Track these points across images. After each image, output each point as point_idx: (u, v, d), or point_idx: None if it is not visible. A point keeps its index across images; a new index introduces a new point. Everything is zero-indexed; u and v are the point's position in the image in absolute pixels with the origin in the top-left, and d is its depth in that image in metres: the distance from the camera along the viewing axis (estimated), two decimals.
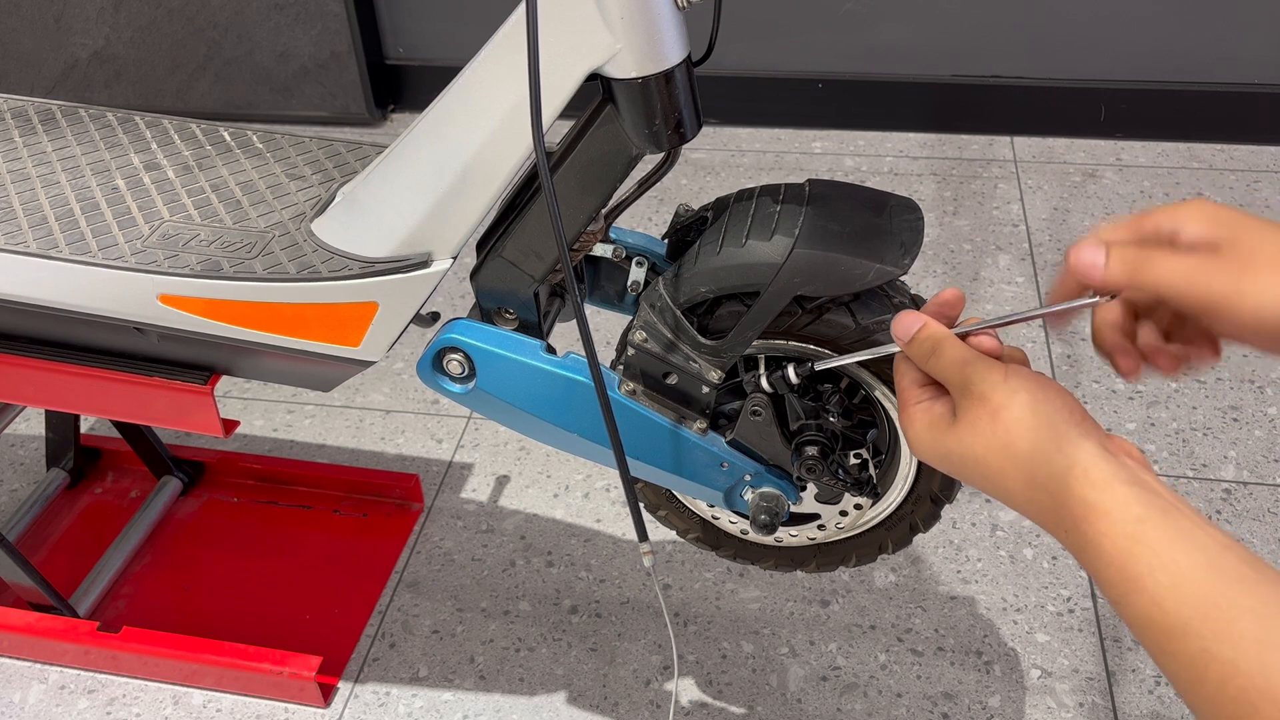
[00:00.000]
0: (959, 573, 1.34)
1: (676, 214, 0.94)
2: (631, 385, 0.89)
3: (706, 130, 2.34)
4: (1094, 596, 1.31)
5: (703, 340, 0.85)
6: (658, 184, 0.91)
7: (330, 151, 1.06)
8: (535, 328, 0.92)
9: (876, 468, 0.94)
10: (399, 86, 2.50)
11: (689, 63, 0.80)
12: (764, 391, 0.88)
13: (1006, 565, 1.35)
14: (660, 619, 1.31)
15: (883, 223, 0.83)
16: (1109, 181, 2.12)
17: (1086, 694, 1.20)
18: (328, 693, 1.24)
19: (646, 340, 0.87)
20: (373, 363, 0.93)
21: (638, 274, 0.95)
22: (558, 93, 0.77)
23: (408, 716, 1.22)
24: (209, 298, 0.90)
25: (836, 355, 0.83)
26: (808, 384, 0.91)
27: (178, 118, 1.12)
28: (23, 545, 1.42)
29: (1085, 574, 1.33)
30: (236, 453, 1.54)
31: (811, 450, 0.89)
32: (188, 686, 1.27)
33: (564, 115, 0.78)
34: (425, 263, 0.87)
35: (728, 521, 1.03)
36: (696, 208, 0.94)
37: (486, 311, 0.93)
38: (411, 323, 0.92)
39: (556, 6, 0.74)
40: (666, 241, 0.97)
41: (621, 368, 0.90)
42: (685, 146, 0.84)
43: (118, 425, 1.46)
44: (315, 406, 1.67)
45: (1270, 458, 1.48)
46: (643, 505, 1.05)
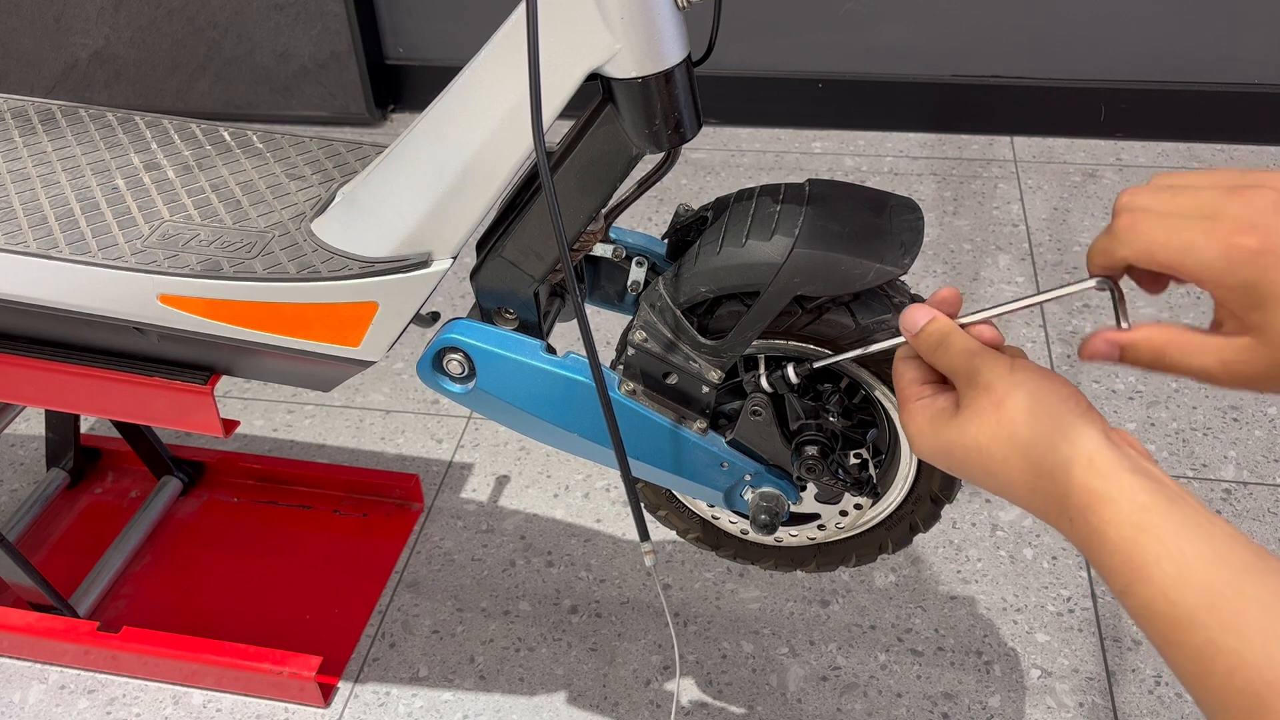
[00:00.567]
0: (959, 573, 1.34)
1: (676, 214, 0.94)
2: (631, 385, 0.89)
3: (706, 130, 2.34)
4: (1094, 596, 1.30)
5: (703, 340, 0.85)
6: (658, 184, 0.91)
7: (330, 151, 1.06)
8: (535, 328, 0.92)
9: (876, 468, 0.94)
10: (399, 86, 2.50)
11: (689, 63, 0.80)
12: (764, 391, 0.88)
13: (1006, 565, 1.35)
14: (660, 619, 1.31)
15: (883, 223, 0.83)
16: (1109, 181, 2.12)
17: (1086, 694, 1.20)
18: (328, 693, 1.24)
19: (646, 340, 0.87)
20: (373, 363, 0.93)
21: (638, 274, 0.95)
22: (558, 93, 0.77)
23: (408, 716, 1.22)
24: (209, 298, 0.90)
25: (837, 354, 0.83)
26: (808, 384, 0.91)
27: (178, 118, 1.12)
28: (23, 545, 1.42)
29: (1085, 574, 1.33)
30: (236, 453, 1.54)
31: (811, 450, 0.89)
32: (188, 686, 1.27)
33: (564, 115, 0.78)
34: (425, 263, 0.87)
35: (728, 521, 1.03)
36: (696, 208, 0.94)
37: (486, 311, 0.93)
38: (411, 323, 0.92)
39: (556, 6, 0.74)
40: (666, 241, 0.97)
41: (621, 368, 0.90)
42: (685, 146, 0.84)
43: (118, 425, 1.46)
44: (315, 406, 1.67)
45: (1270, 458, 1.48)
46: (643, 505, 1.05)
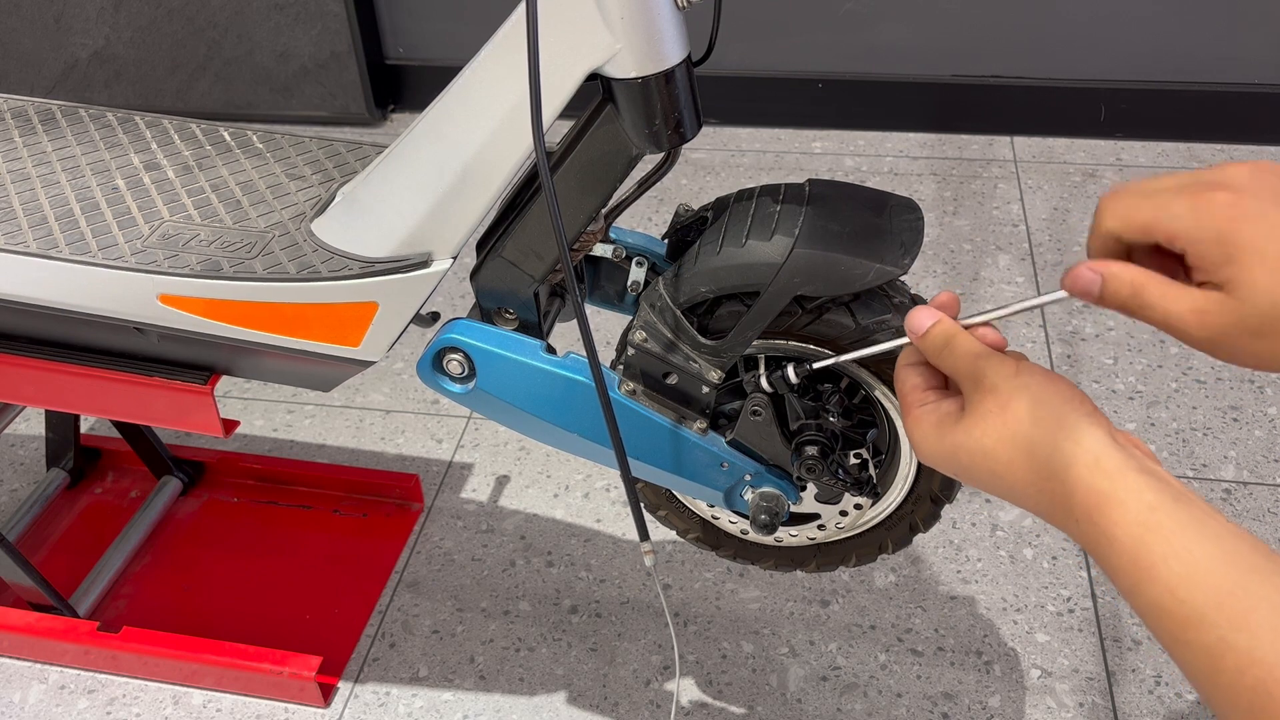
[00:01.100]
0: (959, 573, 1.34)
1: (676, 214, 0.94)
2: (631, 385, 0.89)
3: (706, 130, 2.34)
4: (1094, 596, 1.30)
5: (703, 340, 0.85)
6: (658, 184, 0.91)
7: (330, 151, 1.06)
8: (535, 328, 0.92)
9: (876, 468, 0.94)
10: (399, 86, 2.50)
11: (689, 63, 0.80)
12: (764, 391, 0.88)
13: (1006, 565, 1.35)
14: (660, 619, 1.31)
15: (883, 223, 0.83)
16: (1109, 181, 2.12)
17: (1086, 694, 1.20)
18: (328, 693, 1.24)
19: (646, 340, 0.87)
20: (373, 363, 0.93)
21: (638, 274, 0.95)
22: (558, 93, 0.77)
23: (408, 716, 1.22)
24: (209, 298, 0.90)
25: (838, 354, 0.83)
26: (807, 384, 0.91)
27: (178, 118, 1.12)
28: (23, 545, 1.42)
29: (1085, 574, 1.33)
30: (236, 453, 1.54)
31: (811, 450, 0.89)
32: (188, 686, 1.27)
33: (564, 115, 0.78)
34: (425, 263, 0.87)
35: (728, 521, 1.03)
36: (696, 208, 0.94)
37: (486, 311, 0.93)
38: (411, 323, 0.92)
39: (556, 6, 0.74)
40: (666, 241, 0.97)
41: (621, 368, 0.90)
42: (685, 146, 0.84)
43: (118, 425, 1.46)
44: (315, 406, 1.67)
45: (1270, 458, 1.48)
46: (643, 505, 1.05)
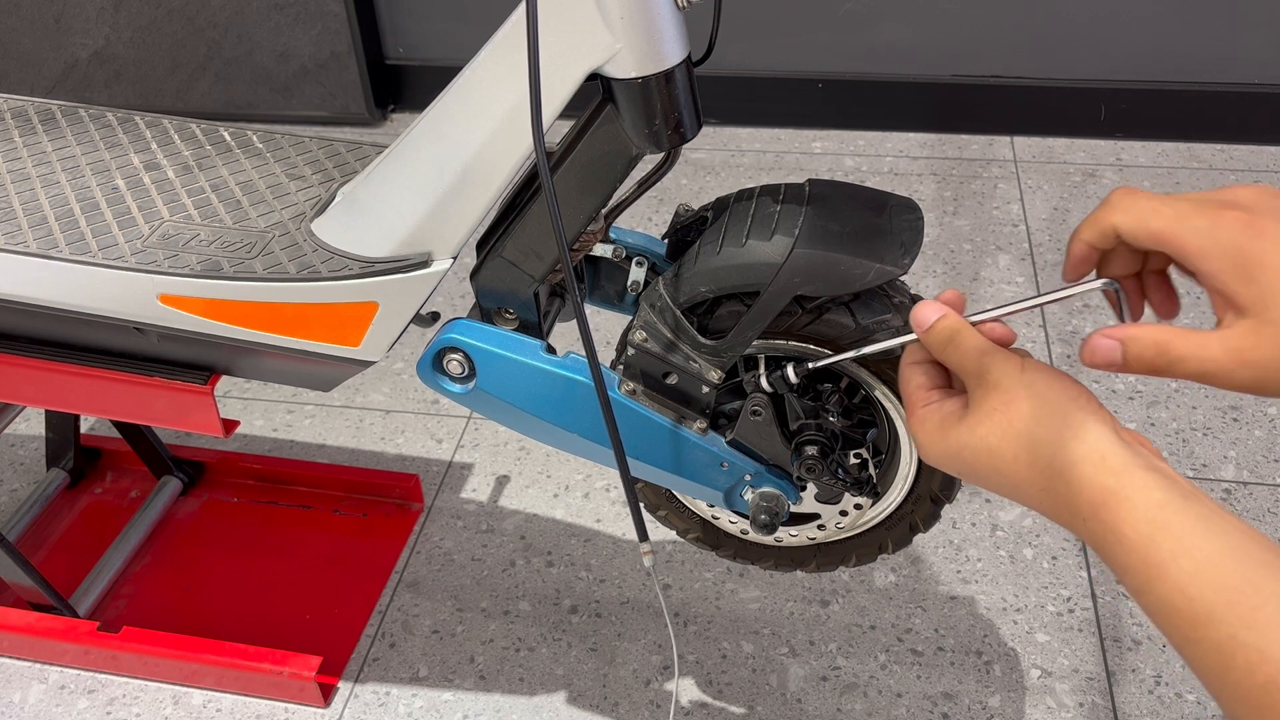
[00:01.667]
0: (959, 573, 1.34)
1: (676, 214, 0.94)
2: (631, 385, 0.89)
3: (706, 130, 2.34)
4: (1094, 596, 1.30)
5: (703, 340, 0.85)
6: (658, 184, 0.91)
7: (330, 151, 1.06)
8: (535, 328, 0.92)
9: (876, 467, 0.94)
10: (399, 86, 2.50)
11: (689, 63, 0.80)
12: (764, 391, 0.88)
13: (1006, 565, 1.35)
14: (660, 619, 1.31)
15: (883, 223, 0.83)
16: (1109, 181, 2.12)
17: (1086, 694, 1.20)
18: (328, 693, 1.24)
19: (646, 340, 0.87)
20: (373, 363, 0.93)
21: (638, 274, 0.95)
22: (558, 93, 0.77)
23: (408, 716, 1.22)
24: (209, 298, 0.90)
25: (838, 353, 0.83)
26: (808, 384, 0.91)
27: (178, 118, 1.12)
28: (23, 545, 1.42)
29: (1085, 574, 1.33)
30: (236, 453, 1.54)
31: (811, 450, 0.89)
32: (188, 686, 1.27)
33: (564, 115, 0.78)
34: (425, 263, 0.87)
35: (728, 521, 1.03)
36: (696, 208, 0.94)
37: (486, 311, 0.93)
38: (411, 323, 0.92)
39: (556, 6, 0.74)
40: (666, 241, 0.97)
41: (621, 368, 0.90)
42: (685, 146, 0.84)
43: (118, 425, 1.46)
44: (315, 406, 1.67)
45: (1270, 458, 1.48)
46: (643, 505, 1.05)
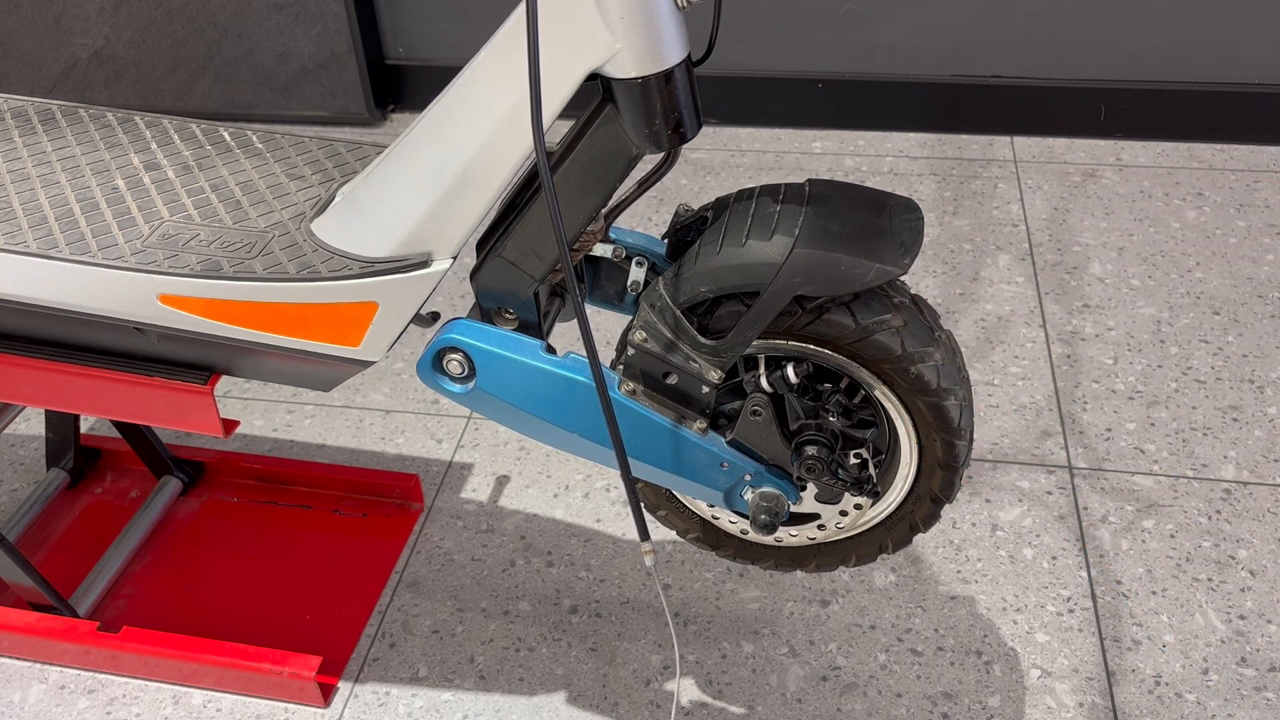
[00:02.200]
0: (959, 573, 1.34)
1: (676, 214, 0.94)
2: (631, 385, 0.89)
3: (706, 130, 2.33)
4: (1094, 596, 1.31)
5: (703, 340, 0.85)
6: (658, 184, 0.92)
7: (330, 151, 1.07)
8: (535, 328, 0.92)
9: (876, 467, 0.94)
10: (399, 86, 2.50)
11: (689, 63, 0.80)
12: (764, 391, 0.88)
13: (1006, 565, 1.35)
14: (660, 619, 1.31)
15: (882, 222, 0.83)
16: (1109, 181, 2.12)
17: (1086, 694, 1.20)
18: (328, 693, 1.24)
19: (646, 340, 0.87)
20: (373, 363, 0.93)
21: (638, 274, 0.95)
22: (558, 93, 0.77)
23: (408, 716, 1.23)
24: (209, 298, 0.90)
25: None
26: (808, 384, 0.91)
27: (178, 118, 1.12)
28: (23, 545, 1.42)
29: (1085, 574, 1.33)
30: (236, 453, 1.54)
31: (811, 450, 0.89)
32: (188, 686, 1.27)
33: (564, 115, 0.78)
34: (425, 263, 0.87)
35: (728, 521, 1.03)
36: (696, 208, 0.94)
37: (486, 311, 0.93)
38: (411, 323, 0.92)
39: (556, 6, 0.74)
40: (666, 241, 0.97)
41: (621, 368, 0.90)
42: (685, 146, 0.84)
43: (118, 425, 1.46)
44: (315, 406, 1.67)
45: (1270, 458, 1.48)
46: (643, 505, 1.05)
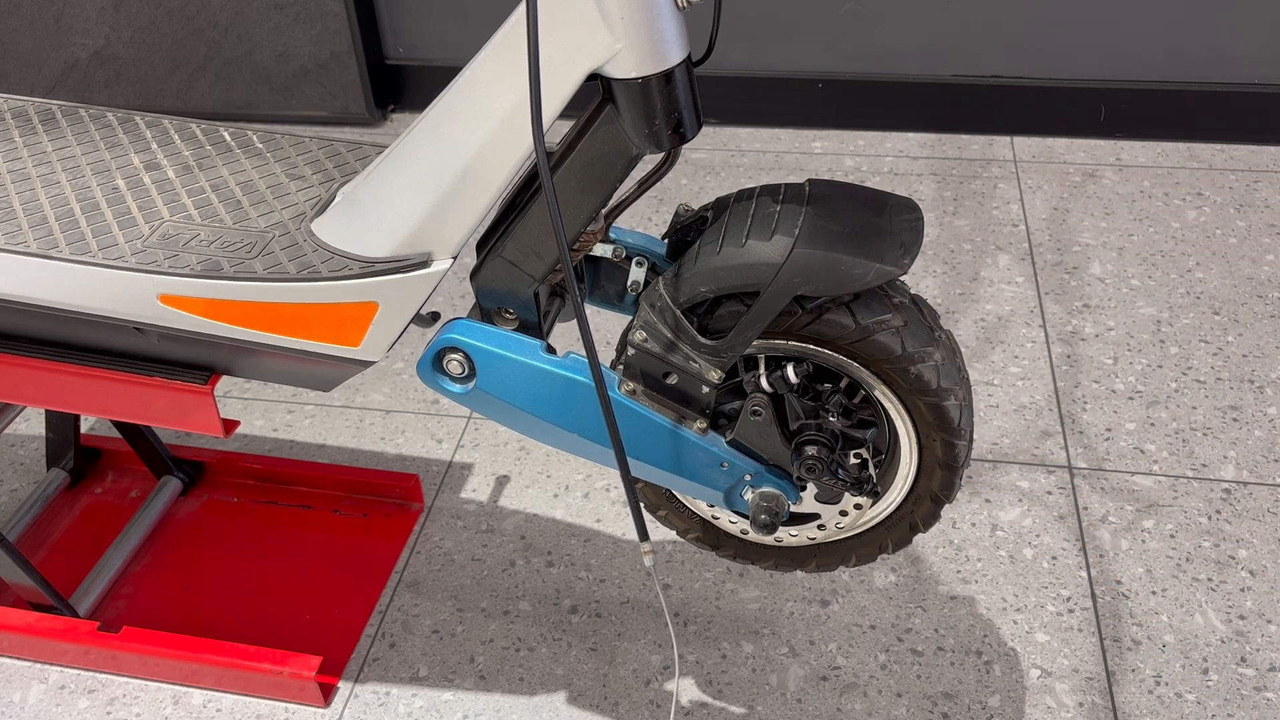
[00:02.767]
0: (959, 573, 1.34)
1: (676, 214, 0.95)
2: (631, 385, 0.89)
3: (706, 130, 2.33)
4: (1094, 596, 1.31)
5: (703, 340, 0.85)
6: (658, 184, 0.92)
7: (330, 151, 1.07)
8: (535, 328, 0.92)
9: (876, 467, 0.94)
10: (399, 86, 2.50)
11: (689, 63, 0.80)
12: (764, 391, 0.88)
13: (1006, 565, 1.35)
14: (660, 619, 1.31)
15: (882, 223, 0.83)
16: (1109, 181, 2.12)
17: (1086, 694, 1.20)
18: (328, 692, 1.24)
19: (646, 340, 0.87)
20: (373, 363, 0.93)
21: (638, 274, 0.95)
22: (558, 93, 0.77)
23: (408, 716, 1.23)
24: (209, 298, 0.90)
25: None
26: (808, 384, 0.91)
27: (178, 118, 1.12)
28: (23, 545, 1.42)
29: (1085, 574, 1.33)
30: (236, 453, 1.54)
31: (811, 450, 0.89)
32: (188, 686, 1.27)
33: (564, 115, 0.78)
34: (425, 263, 0.87)
35: (728, 521, 1.03)
36: (696, 208, 0.94)
37: (486, 311, 0.93)
38: (411, 323, 0.92)
39: (556, 6, 0.74)
40: (666, 241, 0.97)
41: (621, 368, 0.90)
42: (685, 146, 0.84)
43: (118, 425, 1.46)
44: (315, 406, 1.67)
45: (1270, 458, 1.48)
46: (643, 505, 1.05)
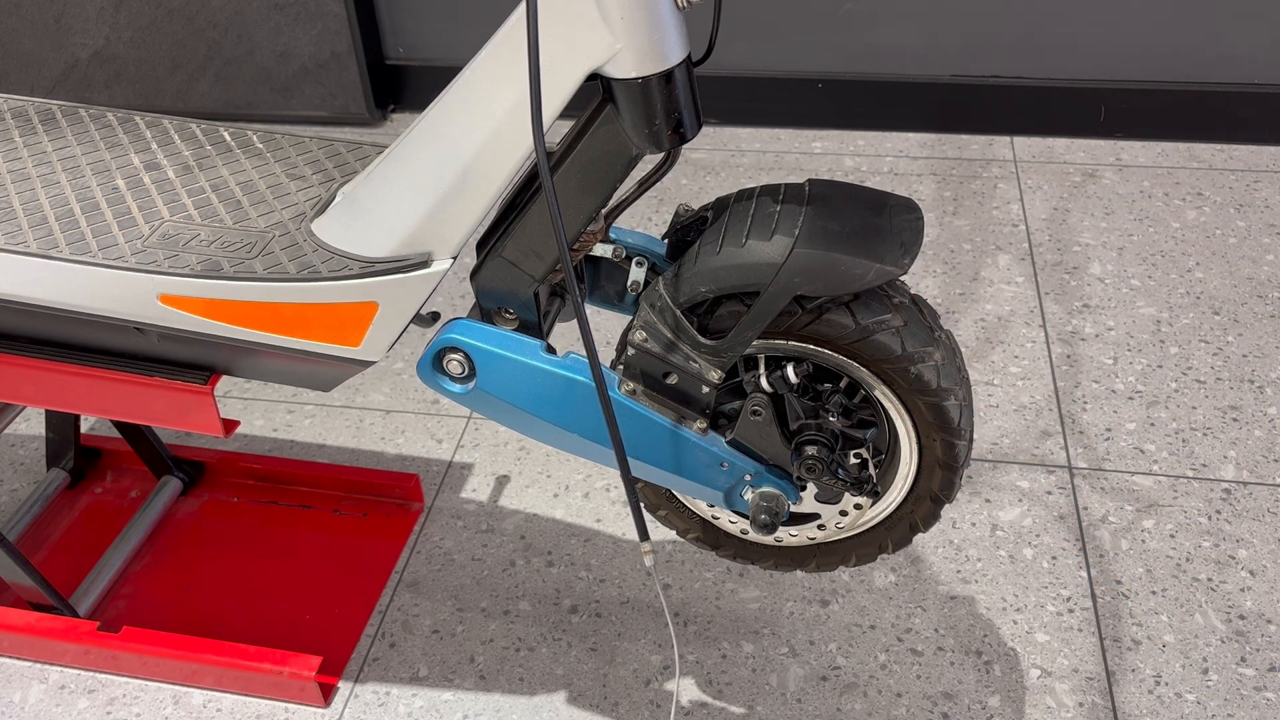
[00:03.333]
0: (959, 573, 1.34)
1: (676, 214, 0.95)
2: (632, 385, 0.89)
3: (706, 130, 2.33)
4: (1094, 596, 1.31)
5: (703, 340, 0.85)
6: (658, 184, 0.92)
7: (330, 151, 1.07)
8: (535, 328, 0.92)
9: (876, 467, 0.94)
10: (399, 86, 2.50)
11: (689, 63, 0.80)
12: (764, 391, 0.88)
13: (1006, 565, 1.35)
14: (660, 619, 1.31)
15: (882, 222, 0.83)
16: (1109, 181, 2.12)
17: (1086, 694, 1.20)
18: (328, 692, 1.24)
19: (646, 340, 0.87)
20: (373, 363, 0.93)
21: (638, 274, 0.95)
22: (558, 93, 0.77)
23: (408, 716, 1.23)
24: (209, 298, 0.90)
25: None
26: (807, 384, 0.91)
27: (178, 118, 1.12)
28: (23, 545, 1.42)
29: (1085, 574, 1.33)
30: (236, 453, 1.54)
31: (811, 450, 0.89)
32: (188, 686, 1.27)
33: (564, 115, 0.78)
34: (425, 263, 0.87)
35: (728, 521, 1.03)
36: (696, 208, 0.94)
37: (486, 311, 0.93)
38: (411, 323, 0.92)
39: (556, 6, 0.74)
40: (666, 241, 0.97)
41: (621, 368, 0.90)
42: (685, 146, 0.84)
43: (118, 425, 1.46)
44: (315, 406, 1.67)
45: (1270, 458, 1.48)
46: (643, 505, 1.05)
